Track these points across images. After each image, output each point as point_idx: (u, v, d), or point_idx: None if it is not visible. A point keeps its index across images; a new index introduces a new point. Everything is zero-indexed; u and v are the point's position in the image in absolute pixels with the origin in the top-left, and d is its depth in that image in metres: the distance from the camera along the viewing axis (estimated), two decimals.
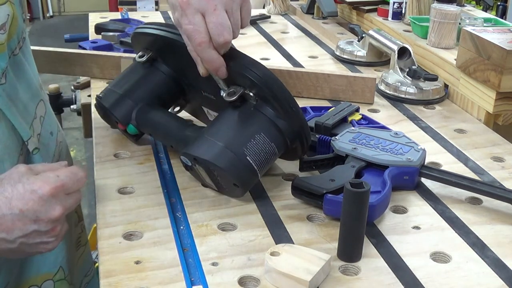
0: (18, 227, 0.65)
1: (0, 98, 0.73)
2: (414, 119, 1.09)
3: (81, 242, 0.98)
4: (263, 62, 0.78)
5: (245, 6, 0.74)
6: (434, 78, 1.16)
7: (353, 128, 0.91)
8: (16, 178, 0.67)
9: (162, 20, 1.70)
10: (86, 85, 1.35)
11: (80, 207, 0.98)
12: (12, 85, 0.76)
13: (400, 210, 0.80)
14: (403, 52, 1.23)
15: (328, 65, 1.36)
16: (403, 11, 1.49)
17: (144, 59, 0.91)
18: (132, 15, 1.73)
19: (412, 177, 0.83)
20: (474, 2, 3.82)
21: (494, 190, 0.80)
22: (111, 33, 1.39)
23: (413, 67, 1.18)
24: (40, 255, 0.82)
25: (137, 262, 0.68)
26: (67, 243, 0.88)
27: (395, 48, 1.23)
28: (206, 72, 0.76)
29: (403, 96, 1.16)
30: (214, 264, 0.68)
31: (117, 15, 1.74)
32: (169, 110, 0.92)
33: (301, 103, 1.06)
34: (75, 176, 0.70)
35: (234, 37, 0.73)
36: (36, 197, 0.66)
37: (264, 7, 1.90)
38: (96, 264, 0.93)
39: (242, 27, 0.75)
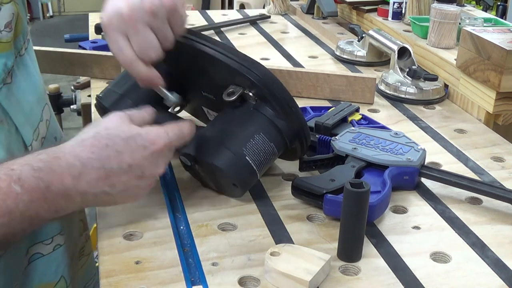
0: (122, 181, 0.65)
1: (6, 98, 0.72)
2: (414, 119, 1.09)
3: (85, 252, 0.97)
4: (263, 62, 0.78)
5: (173, 17, 0.73)
6: (434, 78, 1.16)
7: (353, 128, 0.91)
8: (127, 130, 0.66)
9: None
10: (86, 85, 1.35)
11: (85, 216, 0.97)
12: (18, 86, 0.75)
13: (400, 210, 0.80)
14: (403, 52, 1.23)
15: (328, 65, 1.36)
16: (403, 11, 1.49)
17: None
18: None
19: (412, 177, 0.83)
20: (474, 2, 3.82)
21: (494, 190, 0.80)
22: None
23: (413, 67, 1.18)
24: (42, 264, 0.82)
25: (137, 262, 0.68)
26: (69, 252, 0.87)
27: (395, 48, 1.23)
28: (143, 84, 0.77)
29: (403, 96, 1.16)
30: (214, 264, 0.68)
31: None
32: (169, 110, 0.92)
33: (301, 103, 1.07)
34: (182, 134, 0.71)
35: (166, 48, 0.73)
36: (147, 154, 0.66)
37: (264, 7, 1.90)
38: (96, 264, 0.92)
39: (176, 36, 0.75)
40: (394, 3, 1.50)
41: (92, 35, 1.50)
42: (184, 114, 0.96)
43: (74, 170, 0.62)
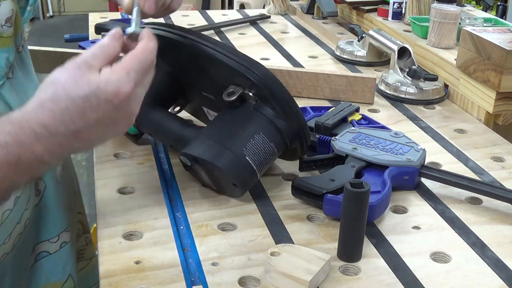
0: (95, 134, 0.62)
1: (9, 92, 0.72)
2: (414, 119, 1.09)
3: (85, 256, 0.96)
4: (263, 62, 0.78)
5: None
6: (434, 78, 1.16)
7: (353, 128, 0.91)
8: (85, 86, 0.60)
9: (161, 20, 1.70)
10: None
11: (86, 218, 0.97)
12: (19, 81, 0.76)
13: (400, 210, 0.80)
14: (403, 52, 1.23)
15: (328, 65, 1.36)
16: (403, 11, 1.49)
17: None
18: None
19: (412, 177, 0.83)
20: (474, 2, 3.82)
21: (494, 190, 0.80)
22: None
23: (413, 67, 1.18)
24: (49, 263, 0.81)
25: (137, 262, 0.68)
26: (75, 250, 0.87)
27: (395, 48, 1.23)
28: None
29: (403, 96, 1.16)
30: (214, 264, 0.68)
31: (117, 15, 1.74)
32: (169, 110, 0.92)
33: (301, 103, 1.07)
34: (145, 63, 0.64)
35: None
36: (112, 106, 0.61)
37: (264, 7, 1.90)
38: None
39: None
40: (394, 3, 1.50)
41: (92, 35, 1.50)
42: (184, 114, 0.96)
43: (42, 138, 0.59)
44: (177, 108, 0.96)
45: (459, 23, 1.26)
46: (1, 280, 0.75)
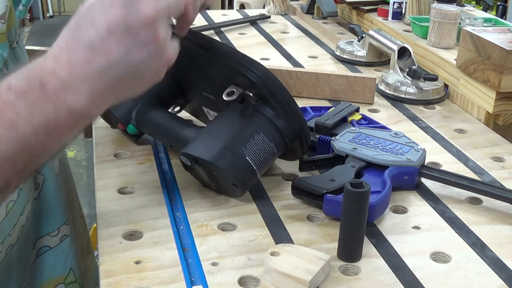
0: (112, 48, 0.55)
1: None
2: (414, 119, 1.09)
3: (90, 249, 0.97)
4: (263, 62, 0.78)
5: None
6: (434, 78, 1.16)
7: (353, 128, 0.91)
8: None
9: None
10: None
11: (83, 215, 0.98)
12: None
13: (400, 210, 0.80)
14: (403, 52, 1.23)
15: (328, 65, 1.36)
16: (403, 11, 1.49)
17: None
18: None
19: (412, 177, 0.83)
20: (474, 2, 3.82)
21: (494, 190, 0.80)
22: None
23: (413, 67, 1.18)
24: (50, 258, 0.81)
25: (137, 262, 0.68)
26: (76, 245, 0.87)
27: (395, 48, 1.23)
28: None
29: (403, 96, 1.16)
30: (214, 264, 0.68)
31: None
32: (169, 110, 0.92)
33: (301, 103, 1.07)
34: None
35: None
36: (116, 4, 0.54)
37: (264, 7, 1.90)
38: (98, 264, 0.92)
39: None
40: (394, 3, 1.50)
41: None
42: (184, 114, 0.96)
43: (61, 56, 0.55)
44: (177, 108, 0.96)
45: (459, 23, 1.26)
46: (9, 273, 0.75)
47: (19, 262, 0.77)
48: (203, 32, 1.17)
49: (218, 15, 1.76)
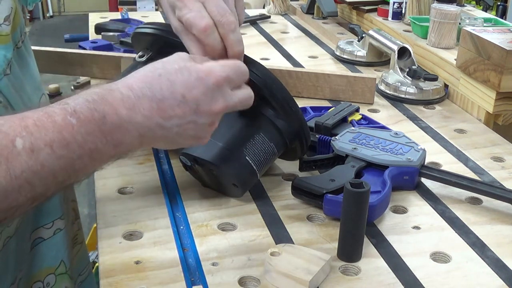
0: (176, 114, 0.62)
1: (6, 88, 0.73)
2: (414, 119, 1.09)
3: (78, 240, 0.98)
4: (263, 62, 0.78)
5: (238, 2, 0.74)
6: (434, 78, 1.16)
7: (353, 128, 0.91)
8: (181, 63, 0.63)
9: (162, 20, 1.70)
10: (86, 85, 1.35)
11: (77, 205, 0.98)
12: (17, 77, 0.76)
13: (400, 210, 0.80)
14: (403, 52, 1.23)
15: (328, 65, 1.36)
16: (403, 11, 1.49)
17: (144, 59, 0.91)
18: (132, 15, 1.73)
19: (412, 177, 0.83)
20: (474, 2, 3.82)
21: (494, 190, 0.80)
22: (111, 33, 1.39)
23: (413, 67, 1.18)
24: (43, 249, 0.83)
25: (137, 262, 0.68)
26: (67, 237, 0.88)
27: (395, 48, 1.23)
28: None
29: (403, 96, 1.16)
30: (214, 264, 0.68)
31: (117, 15, 1.74)
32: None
33: (301, 103, 1.07)
34: (239, 69, 0.67)
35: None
36: (202, 85, 0.62)
37: (264, 7, 1.90)
38: (96, 264, 0.93)
39: (239, 23, 0.74)
40: (394, 3, 1.50)
41: (92, 35, 1.50)
42: None
43: (128, 101, 0.60)
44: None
45: (459, 23, 1.26)
46: (7, 263, 0.76)
47: (16, 253, 0.78)
48: None
49: None
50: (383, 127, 0.96)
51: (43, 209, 0.83)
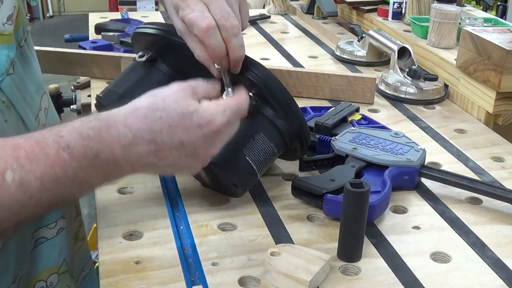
0: (173, 156, 0.63)
1: (9, 88, 0.73)
2: (414, 119, 1.09)
3: (79, 237, 0.98)
4: (263, 62, 0.78)
5: (243, 6, 0.74)
6: (434, 78, 1.16)
7: (353, 128, 0.91)
8: (183, 104, 0.63)
9: (162, 20, 1.70)
10: (86, 85, 1.35)
11: (78, 202, 0.98)
12: (20, 76, 0.76)
13: (400, 210, 0.80)
14: (403, 52, 1.23)
15: (328, 65, 1.36)
16: (403, 11, 1.49)
17: (144, 59, 0.91)
18: (132, 15, 1.73)
19: (412, 177, 0.83)
20: (474, 2, 3.82)
21: (494, 190, 0.80)
22: (111, 33, 1.39)
23: (413, 67, 1.18)
24: (46, 249, 0.83)
25: (137, 262, 0.68)
26: (68, 236, 0.88)
27: (395, 48, 1.23)
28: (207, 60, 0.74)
29: (403, 96, 1.16)
30: (214, 264, 0.68)
31: (117, 15, 1.74)
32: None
33: (301, 103, 1.07)
34: (240, 107, 0.67)
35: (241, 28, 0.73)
36: (201, 133, 0.63)
37: (264, 7, 1.90)
38: (96, 264, 0.93)
39: (242, 28, 0.75)
40: (394, 3, 1.50)
41: (92, 35, 1.50)
42: None
43: (125, 140, 0.60)
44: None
45: (459, 23, 1.26)
46: (6, 261, 0.76)
47: (17, 251, 0.77)
48: None
49: None
50: (383, 127, 0.96)
51: None
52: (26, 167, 0.55)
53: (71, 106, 1.56)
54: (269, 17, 1.76)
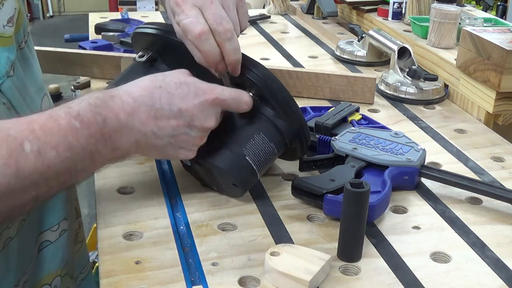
0: (171, 125, 0.67)
1: (9, 90, 0.73)
2: (414, 119, 1.09)
3: (78, 239, 0.98)
4: (263, 62, 0.78)
5: (241, 8, 0.75)
6: (434, 78, 1.16)
7: (353, 128, 0.91)
8: (182, 78, 0.68)
9: (162, 20, 1.70)
10: (86, 85, 1.36)
11: (78, 203, 0.98)
12: (20, 78, 0.76)
13: (400, 210, 0.80)
14: (403, 52, 1.23)
15: (328, 65, 1.36)
16: (403, 11, 1.49)
17: (144, 59, 0.91)
18: (132, 15, 1.73)
19: (412, 177, 0.83)
20: (474, 2, 3.82)
21: (494, 190, 0.80)
22: (111, 33, 1.39)
23: (413, 67, 1.18)
24: (50, 252, 0.82)
25: (137, 262, 0.68)
26: (70, 237, 0.88)
27: (395, 48, 1.23)
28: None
29: (403, 96, 1.16)
30: (214, 264, 0.68)
31: (117, 15, 1.74)
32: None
33: (301, 103, 1.07)
34: (239, 98, 0.72)
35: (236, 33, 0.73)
36: (198, 101, 0.67)
37: (264, 7, 1.90)
38: (96, 264, 0.93)
39: (241, 29, 0.75)
40: (394, 3, 1.50)
41: (92, 35, 1.50)
42: None
43: (127, 107, 0.64)
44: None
45: (459, 23, 1.26)
46: (7, 264, 0.75)
47: (19, 255, 0.77)
48: None
49: None
50: (383, 127, 0.96)
51: (48, 211, 0.82)
52: (41, 138, 0.58)
53: None
54: (269, 17, 1.76)
